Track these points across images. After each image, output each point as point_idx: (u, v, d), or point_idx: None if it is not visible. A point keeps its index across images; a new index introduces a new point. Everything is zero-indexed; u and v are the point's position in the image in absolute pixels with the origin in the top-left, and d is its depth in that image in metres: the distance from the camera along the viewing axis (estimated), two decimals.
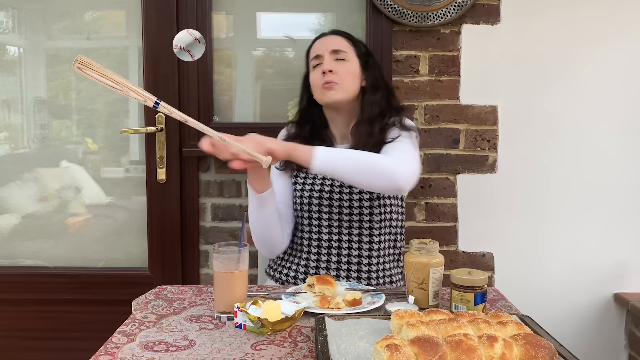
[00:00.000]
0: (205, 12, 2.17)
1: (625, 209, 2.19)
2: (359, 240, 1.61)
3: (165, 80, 2.18)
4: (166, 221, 2.22)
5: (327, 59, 1.60)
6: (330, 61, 1.60)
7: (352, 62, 1.62)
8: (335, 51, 1.61)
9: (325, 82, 1.58)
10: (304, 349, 1.09)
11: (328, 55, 1.61)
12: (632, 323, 2.17)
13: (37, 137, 2.32)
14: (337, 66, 1.59)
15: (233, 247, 1.28)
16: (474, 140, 2.17)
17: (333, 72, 1.58)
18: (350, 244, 1.61)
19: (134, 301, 1.34)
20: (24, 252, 2.32)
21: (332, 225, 1.61)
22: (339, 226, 1.61)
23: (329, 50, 1.61)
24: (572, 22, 2.13)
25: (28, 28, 2.30)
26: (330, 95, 1.58)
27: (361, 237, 1.61)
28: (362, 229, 1.61)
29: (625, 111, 2.17)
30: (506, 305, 1.36)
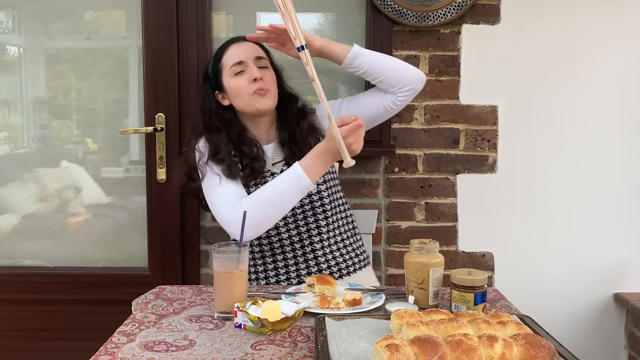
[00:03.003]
0: (205, 12, 2.17)
1: (625, 209, 2.19)
2: (317, 226, 1.62)
3: (165, 80, 2.18)
4: (166, 221, 2.22)
5: (253, 66, 1.61)
6: (257, 68, 1.61)
7: (271, 70, 1.67)
8: (258, 58, 1.63)
9: (259, 89, 1.59)
10: (304, 349, 1.09)
11: (252, 63, 1.61)
12: (632, 323, 2.17)
13: (37, 137, 2.32)
14: (264, 73, 1.62)
15: (233, 247, 1.28)
16: (474, 140, 2.17)
17: (263, 80, 1.60)
18: (309, 232, 1.62)
19: (134, 301, 1.34)
20: (24, 252, 2.31)
21: (288, 223, 1.61)
22: (294, 221, 1.62)
23: (252, 57, 1.62)
24: (572, 23, 2.13)
25: (28, 28, 2.30)
26: (264, 102, 1.60)
27: (318, 222, 1.62)
28: (317, 215, 1.62)
29: (625, 111, 2.17)
30: (506, 305, 1.36)
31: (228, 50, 1.65)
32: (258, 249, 1.64)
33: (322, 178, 1.64)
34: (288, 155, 1.64)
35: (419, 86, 1.62)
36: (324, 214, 1.63)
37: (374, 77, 1.59)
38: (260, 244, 1.63)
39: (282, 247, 1.62)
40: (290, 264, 1.62)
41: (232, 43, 1.67)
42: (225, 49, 1.66)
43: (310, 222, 1.62)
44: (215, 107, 1.67)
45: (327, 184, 1.65)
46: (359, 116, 1.45)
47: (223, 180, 1.58)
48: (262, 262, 1.64)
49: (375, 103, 1.65)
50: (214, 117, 1.66)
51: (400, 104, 1.65)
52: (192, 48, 2.17)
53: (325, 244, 1.63)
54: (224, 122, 1.66)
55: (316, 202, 1.62)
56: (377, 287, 1.57)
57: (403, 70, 1.60)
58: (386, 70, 1.59)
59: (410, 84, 1.61)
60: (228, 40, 1.70)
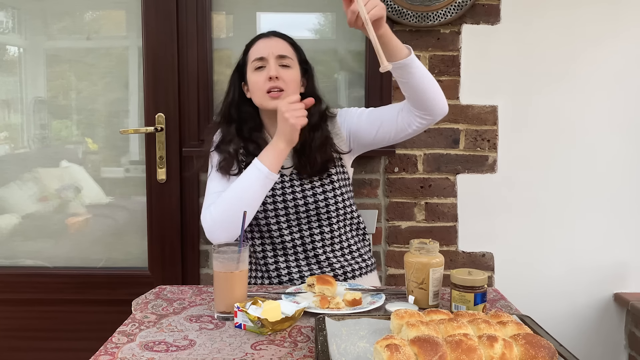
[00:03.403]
0: (205, 12, 2.17)
1: (625, 209, 2.19)
2: (320, 231, 1.62)
3: (165, 80, 2.18)
4: (166, 221, 2.22)
5: (273, 64, 1.58)
6: (276, 66, 1.58)
7: (295, 69, 1.63)
8: (281, 57, 1.60)
9: (272, 88, 1.58)
10: (304, 349, 1.09)
11: (273, 60, 1.59)
12: (632, 323, 2.17)
13: (37, 137, 2.32)
14: (283, 72, 1.58)
15: (233, 247, 1.28)
16: (474, 140, 2.17)
17: (279, 79, 1.58)
18: (312, 237, 1.62)
19: (134, 301, 1.34)
20: (24, 252, 2.32)
21: (292, 226, 1.61)
22: (298, 224, 1.61)
23: (274, 55, 1.59)
24: (572, 23, 2.13)
25: (28, 28, 2.30)
26: (275, 103, 1.57)
27: (322, 228, 1.62)
28: (321, 221, 1.62)
29: (625, 111, 2.17)
30: (506, 305, 1.36)
31: (255, 44, 1.64)
32: (260, 248, 1.64)
33: (331, 185, 1.63)
34: (297, 164, 1.63)
35: (437, 118, 1.57)
36: (328, 220, 1.62)
37: (406, 90, 1.55)
38: (263, 243, 1.63)
39: (284, 249, 1.62)
40: (292, 265, 1.62)
41: (261, 37, 1.66)
42: (255, 41, 1.66)
43: (314, 226, 1.62)
44: (237, 98, 1.67)
45: (335, 191, 1.63)
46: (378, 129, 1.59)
47: (213, 173, 1.61)
48: (263, 262, 1.64)
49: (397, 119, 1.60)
50: (232, 108, 1.67)
51: (416, 128, 1.59)
52: (192, 48, 2.17)
53: (328, 249, 1.63)
54: (240, 114, 1.66)
55: (322, 209, 1.61)
56: (377, 287, 1.57)
57: (434, 98, 1.54)
58: (420, 91, 1.52)
59: (432, 114, 1.55)
60: (260, 33, 1.69)
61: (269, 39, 1.64)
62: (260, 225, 1.61)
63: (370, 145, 1.70)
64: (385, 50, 1.46)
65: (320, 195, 1.61)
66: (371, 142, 1.67)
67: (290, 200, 1.60)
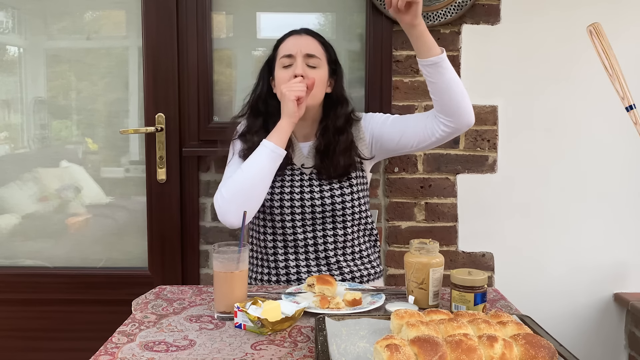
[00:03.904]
0: (205, 12, 2.17)
1: (625, 209, 2.19)
2: (333, 234, 1.62)
3: (165, 80, 2.18)
4: (166, 221, 2.22)
5: (300, 62, 1.58)
6: (303, 65, 1.58)
7: (323, 69, 1.62)
8: (309, 56, 1.60)
9: None
10: (304, 349, 1.09)
11: (301, 59, 1.59)
12: (632, 323, 2.17)
13: (37, 137, 2.32)
14: (309, 72, 1.58)
15: (233, 247, 1.28)
16: (474, 140, 2.17)
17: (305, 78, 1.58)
18: (325, 238, 1.62)
19: (134, 301, 1.34)
20: (24, 252, 2.31)
21: (306, 225, 1.61)
22: (312, 224, 1.61)
23: (303, 54, 1.59)
24: (572, 23, 2.13)
25: (28, 28, 2.30)
26: None
27: (335, 230, 1.62)
28: (336, 223, 1.62)
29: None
30: (506, 305, 1.36)
31: (285, 40, 1.64)
32: (272, 244, 1.64)
33: (350, 188, 1.63)
34: (319, 164, 1.63)
35: (462, 127, 1.56)
36: (343, 223, 1.63)
37: (433, 91, 1.54)
38: (275, 240, 1.63)
39: (296, 247, 1.62)
40: (302, 265, 1.62)
41: (292, 34, 1.65)
42: (285, 37, 1.65)
43: (328, 228, 1.62)
44: (265, 91, 1.68)
45: (353, 195, 1.63)
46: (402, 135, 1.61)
47: (235, 159, 1.62)
48: (274, 258, 1.63)
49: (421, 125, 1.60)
50: (260, 101, 1.67)
51: (439, 137, 1.58)
52: (192, 48, 2.17)
53: (339, 252, 1.63)
54: (267, 108, 1.66)
55: (338, 211, 1.61)
56: (377, 287, 1.57)
57: (461, 104, 1.53)
58: (448, 94, 1.52)
59: (457, 122, 1.54)
60: (292, 30, 1.68)
61: (300, 37, 1.63)
62: (274, 222, 1.61)
63: (393, 152, 1.70)
64: (417, 46, 1.50)
65: (338, 197, 1.61)
66: (394, 148, 1.67)
67: (307, 200, 1.60)
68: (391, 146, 1.67)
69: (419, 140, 1.61)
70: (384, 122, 1.68)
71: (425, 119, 1.60)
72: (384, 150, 1.69)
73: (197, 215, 2.23)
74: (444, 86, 1.51)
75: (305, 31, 1.66)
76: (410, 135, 1.62)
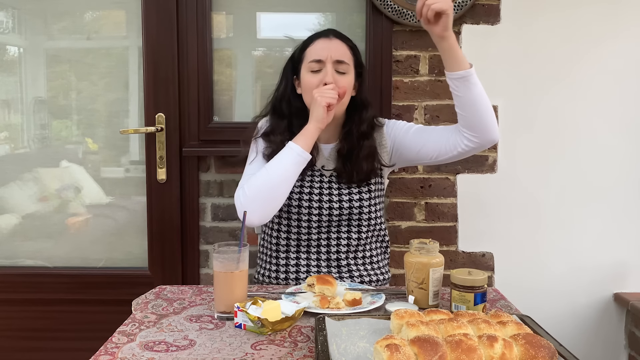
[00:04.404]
0: (205, 12, 2.17)
1: (625, 209, 2.19)
2: (347, 237, 1.62)
3: (165, 80, 2.18)
4: (166, 221, 2.22)
5: (330, 69, 1.56)
6: (333, 72, 1.56)
7: (351, 75, 1.61)
8: (338, 62, 1.57)
9: None
10: (304, 349, 1.09)
11: (331, 65, 1.56)
12: (632, 323, 2.17)
13: (37, 137, 2.32)
14: (338, 78, 1.56)
15: (233, 247, 1.28)
16: None
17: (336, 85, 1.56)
18: (339, 241, 1.62)
19: (134, 301, 1.34)
20: (24, 252, 2.32)
21: (322, 226, 1.61)
22: (328, 226, 1.62)
23: (333, 60, 1.56)
24: (572, 22, 2.13)
25: (28, 28, 2.30)
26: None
27: (350, 234, 1.62)
28: (351, 227, 1.62)
29: (625, 111, 2.17)
30: (506, 305, 1.36)
31: (315, 43, 1.61)
32: (285, 242, 1.64)
33: (368, 194, 1.63)
34: (340, 168, 1.62)
35: (486, 144, 1.55)
36: (358, 227, 1.63)
37: (459, 105, 1.53)
38: (289, 238, 1.63)
39: (309, 246, 1.62)
40: (313, 264, 1.62)
41: (321, 36, 1.62)
42: (314, 40, 1.62)
43: (342, 231, 1.62)
44: (289, 92, 1.66)
45: (370, 200, 1.63)
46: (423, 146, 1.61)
47: (258, 158, 1.61)
48: (285, 256, 1.63)
49: (444, 138, 1.59)
50: (284, 102, 1.65)
51: (462, 151, 1.57)
52: (192, 48, 2.17)
53: (350, 255, 1.63)
54: (291, 109, 1.64)
55: (354, 215, 1.61)
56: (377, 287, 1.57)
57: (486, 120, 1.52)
58: (474, 109, 1.51)
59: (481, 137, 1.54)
60: (319, 32, 1.65)
61: (329, 41, 1.60)
62: (290, 220, 1.61)
63: (412, 162, 1.71)
64: (446, 59, 1.48)
65: (356, 202, 1.61)
66: (414, 157, 1.67)
67: (326, 202, 1.60)
68: (410, 156, 1.66)
69: (439, 152, 1.60)
70: (407, 131, 1.66)
71: (449, 132, 1.59)
72: (403, 159, 1.69)
73: (197, 215, 2.23)
74: (470, 101, 1.50)
75: (334, 33, 1.63)
76: (431, 146, 1.61)
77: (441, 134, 1.62)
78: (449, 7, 1.41)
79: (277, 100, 1.67)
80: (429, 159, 1.64)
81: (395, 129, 1.69)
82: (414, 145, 1.64)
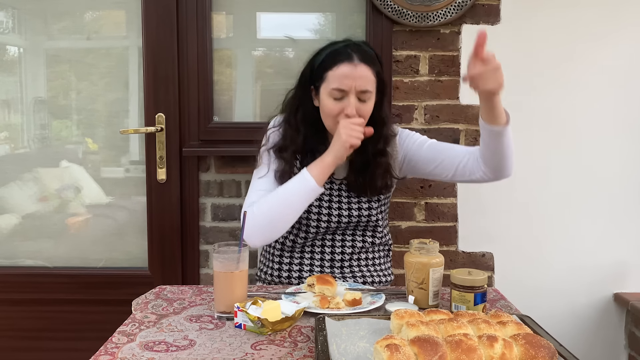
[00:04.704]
0: (205, 12, 2.17)
1: (625, 209, 2.19)
2: (352, 240, 1.62)
3: (165, 80, 2.18)
4: (166, 221, 2.22)
5: (353, 100, 1.48)
6: (356, 102, 1.49)
7: (372, 99, 1.53)
8: (363, 92, 1.49)
9: None
10: (304, 349, 1.09)
11: (354, 97, 1.49)
12: (632, 323, 2.17)
13: (37, 137, 2.32)
14: (360, 107, 1.50)
15: (233, 247, 1.28)
16: (474, 140, 2.17)
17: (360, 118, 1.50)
18: (343, 244, 1.62)
19: (134, 301, 1.34)
20: (24, 252, 2.32)
21: (328, 232, 1.61)
22: (334, 231, 1.61)
23: (357, 90, 1.48)
24: (572, 23, 2.13)
25: (28, 28, 2.30)
26: None
27: (354, 237, 1.63)
28: (357, 232, 1.63)
29: (624, 111, 2.17)
30: (506, 305, 1.36)
31: (338, 68, 1.49)
32: (291, 243, 1.63)
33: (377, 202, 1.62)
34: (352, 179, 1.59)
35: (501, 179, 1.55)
36: (363, 232, 1.62)
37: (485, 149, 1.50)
38: (295, 239, 1.62)
39: (313, 246, 1.62)
40: (316, 264, 1.62)
41: (345, 60, 1.49)
42: (338, 62, 1.50)
43: (347, 234, 1.62)
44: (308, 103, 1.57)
45: (378, 208, 1.63)
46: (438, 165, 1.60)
47: (269, 176, 1.56)
48: (289, 255, 1.63)
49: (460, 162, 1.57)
50: (299, 114, 1.58)
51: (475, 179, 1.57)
52: (192, 48, 2.17)
53: (354, 257, 1.63)
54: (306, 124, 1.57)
55: (362, 224, 1.61)
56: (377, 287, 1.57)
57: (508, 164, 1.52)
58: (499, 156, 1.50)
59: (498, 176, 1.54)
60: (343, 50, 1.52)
61: (354, 68, 1.48)
62: (299, 224, 1.60)
63: (422, 176, 1.69)
64: (486, 111, 1.44)
65: (365, 211, 1.60)
66: (425, 174, 1.66)
67: (335, 209, 1.59)
68: (424, 171, 1.64)
69: (454, 175, 1.60)
70: (420, 146, 1.63)
71: (466, 157, 1.57)
72: (414, 172, 1.67)
73: (197, 215, 2.23)
74: (497, 149, 1.48)
75: (359, 56, 1.50)
76: (446, 167, 1.60)
77: (457, 155, 1.58)
78: (499, 86, 1.37)
79: (292, 113, 1.59)
80: (444, 177, 1.62)
81: (408, 141, 1.65)
82: (428, 162, 1.61)
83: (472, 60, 1.39)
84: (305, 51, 1.69)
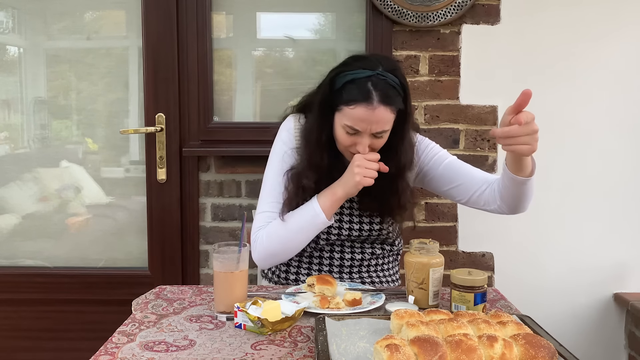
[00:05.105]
0: (205, 12, 2.17)
1: (625, 209, 2.19)
2: (361, 251, 1.62)
3: (165, 80, 2.18)
4: (166, 221, 2.22)
5: (366, 140, 1.42)
6: (369, 141, 1.43)
7: (386, 136, 1.46)
8: (377, 132, 1.42)
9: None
10: (304, 349, 1.09)
11: (368, 136, 1.42)
12: (632, 323, 2.17)
13: (37, 137, 2.32)
14: (374, 142, 1.44)
15: (233, 247, 1.28)
16: (474, 140, 2.17)
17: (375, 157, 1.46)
18: (353, 254, 1.61)
19: (134, 301, 1.34)
20: (24, 252, 2.32)
21: (342, 234, 1.60)
22: (343, 243, 1.61)
23: (371, 132, 1.41)
24: (572, 22, 2.13)
25: (28, 28, 2.30)
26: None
27: (364, 248, 1.62)
28: (365, 244, 1.62)
29: (625, 111, 2.17)
30: (506, 305, 1.36)
31: (355, 108, 1.39)
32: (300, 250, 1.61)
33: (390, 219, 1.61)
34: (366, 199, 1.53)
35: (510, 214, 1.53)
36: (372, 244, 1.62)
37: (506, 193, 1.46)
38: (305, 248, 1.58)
39: (321, 250, 1.61)
40: (325, 270, 1.61)
41: (364, 102, 1.38)
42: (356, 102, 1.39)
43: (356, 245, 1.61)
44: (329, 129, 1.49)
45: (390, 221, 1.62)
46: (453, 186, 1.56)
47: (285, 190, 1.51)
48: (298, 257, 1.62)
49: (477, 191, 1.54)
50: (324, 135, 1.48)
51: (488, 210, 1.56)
52: (192, 48, 2.17)
53: (364, 264, 1.62)
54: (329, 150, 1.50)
55: (374, 237, 1.60)
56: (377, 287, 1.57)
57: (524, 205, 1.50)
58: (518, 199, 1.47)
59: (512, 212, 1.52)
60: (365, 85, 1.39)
61: (372, 112, 1.38)
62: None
63: (434, 192, 1.67)
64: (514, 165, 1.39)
65: (377, 225, 1.59)
66: (437, 192, 1.64)
67: (346, 222, 1.57)
68: (437, 190, 1.62)
69: (467, 200, 1.57)
70: (438, 163, 1.58)
71: (483, 186, 1.53)
72: (428, 187, 1.65)
73: (197, 215, 2.23)
74: (518, 194, 1.45)
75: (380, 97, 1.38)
76: (461, 191, 1.56)
77: (474, 183, 1.54)
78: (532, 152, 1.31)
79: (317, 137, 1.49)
80: (454, 200, 1.61)
81: (427, 154, 1.60)
82: (443, 182, 1.58)
83: (507, 117, 1.31)
84: (306, 51, 1.69)
